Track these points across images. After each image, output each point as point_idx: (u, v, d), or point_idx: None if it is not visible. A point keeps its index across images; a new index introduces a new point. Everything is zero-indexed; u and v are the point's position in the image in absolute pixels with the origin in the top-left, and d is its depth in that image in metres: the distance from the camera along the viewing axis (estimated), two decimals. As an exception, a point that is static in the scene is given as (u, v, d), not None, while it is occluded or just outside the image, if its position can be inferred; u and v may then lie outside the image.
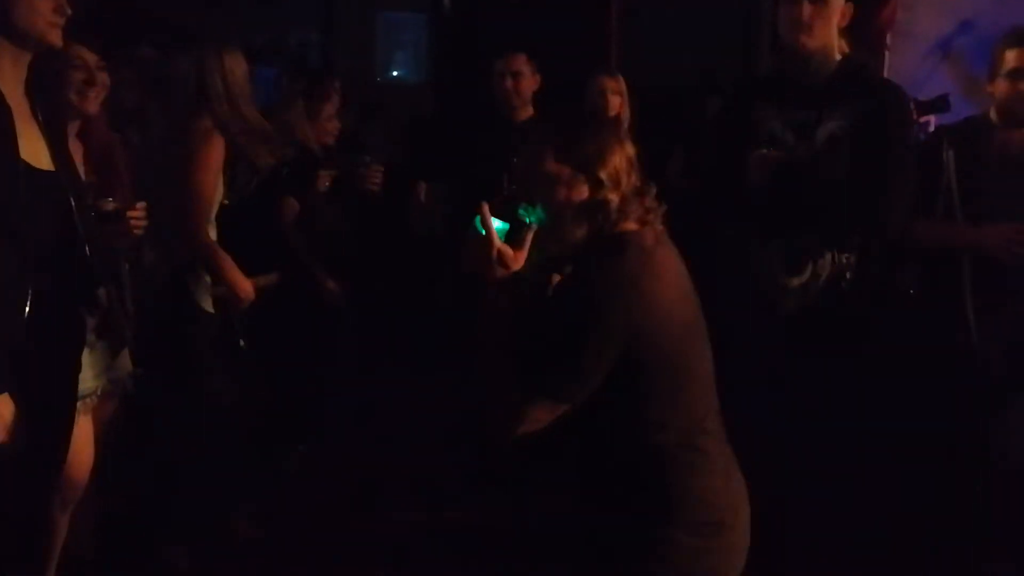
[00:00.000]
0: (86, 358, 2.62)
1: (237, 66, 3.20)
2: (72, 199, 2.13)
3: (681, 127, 5.36)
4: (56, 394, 2.14)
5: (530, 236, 1.85)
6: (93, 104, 2.73)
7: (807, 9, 2.64)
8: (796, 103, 2.72)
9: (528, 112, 4.00)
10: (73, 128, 2.73)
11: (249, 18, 7.40)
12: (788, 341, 2.70)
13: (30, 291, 1.98)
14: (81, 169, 2.65)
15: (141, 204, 2.72)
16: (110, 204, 2.67)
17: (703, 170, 3.18)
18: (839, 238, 2.68)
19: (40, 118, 2.11)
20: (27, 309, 1.97)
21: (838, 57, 2.75)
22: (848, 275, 2.69)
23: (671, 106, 5.50)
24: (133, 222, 2.69)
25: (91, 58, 2.70)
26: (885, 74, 5.10)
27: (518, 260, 1.85)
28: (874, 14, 4.70)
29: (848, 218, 2.66)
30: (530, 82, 3.96)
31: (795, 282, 2.68)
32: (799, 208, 2.66)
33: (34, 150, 2.06)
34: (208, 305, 3.19)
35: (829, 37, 2.71)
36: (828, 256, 2.68)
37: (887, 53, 4.91)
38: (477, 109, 4.42)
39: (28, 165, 2.01)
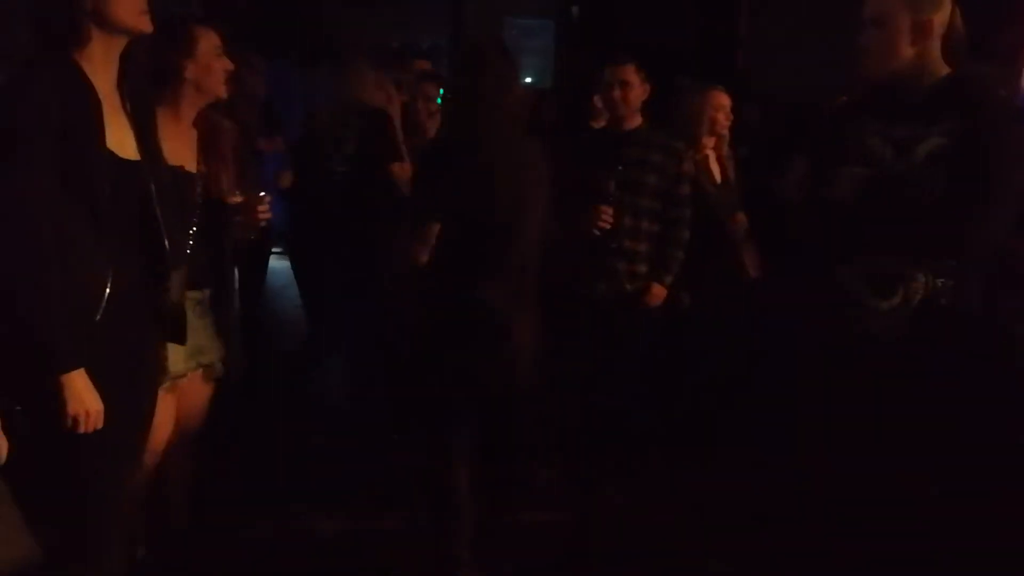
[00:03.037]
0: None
1: None
2: (153, 187, 2.24)
3: (805, 137, 5.27)
4: (132, 373, 2.25)
5: None
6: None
7: (865, 34, 2.57)
8: (898, 117, 2.63)
9: (636, 121, 3.99)
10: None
11: (381, 24, 7.62)
12: (871, 366, 2.62)
13: (111, 273, 2.11)
14: (195, 157, 2.81)
15: (267, 196, 2.85)
16: (237, 197, 2.82)
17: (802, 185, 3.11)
18: (931, 260, 2.58)
19: (128, 109, 2.23)
20: (107, 290, 2.10)
21: (944, 70, 2.64)
22: (943, 301, 2.58)
23: (797, 115, 5.41)
24: (260, 214, 2.83)
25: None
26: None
27: None
28: (1009, 26, 4.48)
29: (941, 240, 2.56)
30: (638, 92, 3.93)
31: (884, 305, 2.59)
32: (890, 227, 2.58)
33: (120, 140, 2.18)
34: None
35: (902, 55, 2.62)
36: (921, 279, 2.58)
37: (1025, 67, 4.69)
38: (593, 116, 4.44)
39: (113, 154, 2.14)
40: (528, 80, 7.42)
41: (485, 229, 2.96)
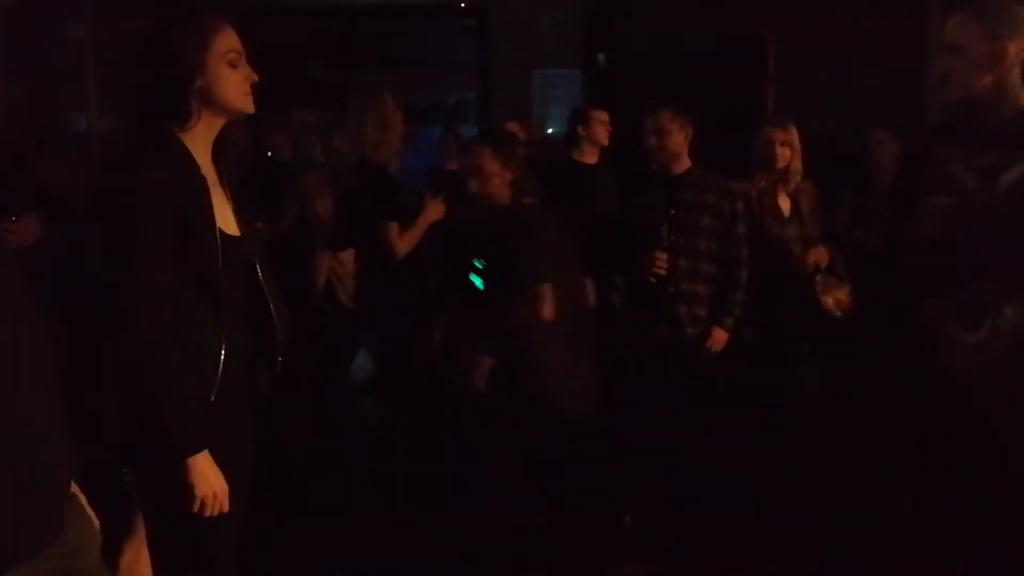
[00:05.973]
0: None
1: None
2: (258, 262, 2.20)
3: (846, 172, 5.22)
4: (239, 450, 2.20)
5: None
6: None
7: (942, 61, 2.55)
8: (980, 146, 2.57)
9: (684, 165, 3.94)
10: None
11: (408, 81, 7.63)
12: (962, 400, 2.53)
13: (223, 352, 2.07)
14: None
15: None
16: None
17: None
18: (1019, 291, 2.50)
19: (225, 185, 2.20)
20: (220, 370, 2.06)
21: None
22: None
23: (834, 152, 5.37)
24: None
25: None
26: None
27: None
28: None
29: None
30: (677, 138, 3.89)
31: (972, 338, 2.51)
32: (977, 258, 2.51)
33: (224, 216, 2.13)
34: None
35: (980, 82, 2.57)
36: (1008, 311, 2.50)
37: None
38: (632, 163, 4.39)
39: (222, 231, 2.09)
40: (552, 130, 7.42)
41: None
